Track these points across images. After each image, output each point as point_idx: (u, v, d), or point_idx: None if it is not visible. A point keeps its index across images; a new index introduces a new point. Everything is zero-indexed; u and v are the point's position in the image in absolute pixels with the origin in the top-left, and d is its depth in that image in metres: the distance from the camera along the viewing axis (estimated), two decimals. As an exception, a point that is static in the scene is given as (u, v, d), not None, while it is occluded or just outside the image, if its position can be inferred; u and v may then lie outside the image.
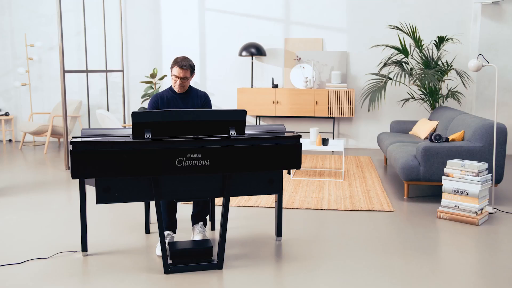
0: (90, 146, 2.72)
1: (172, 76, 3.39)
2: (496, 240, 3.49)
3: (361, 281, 2.81)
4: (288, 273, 2.92)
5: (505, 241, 3.47)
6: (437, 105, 6.49)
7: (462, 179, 3.91)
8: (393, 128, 6.33)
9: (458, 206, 3.92)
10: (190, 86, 3.49)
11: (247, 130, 3.18)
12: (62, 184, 5.18)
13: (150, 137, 2.82)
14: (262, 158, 2.94)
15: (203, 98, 3.50)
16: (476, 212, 3.84)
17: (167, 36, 7.77)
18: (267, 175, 3.09)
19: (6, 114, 7.96)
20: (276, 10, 7.49)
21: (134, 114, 2.78)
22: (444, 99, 6.39)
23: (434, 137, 4.51)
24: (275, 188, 3.12)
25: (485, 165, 3.93)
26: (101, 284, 2.75)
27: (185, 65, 3.34)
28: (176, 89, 3.41)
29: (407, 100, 6.71)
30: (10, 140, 8.23)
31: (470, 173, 3.87)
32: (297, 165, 3.04)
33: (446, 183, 3.99)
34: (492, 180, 4.27)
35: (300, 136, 3.05)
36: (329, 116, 7.10)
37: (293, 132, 3.21)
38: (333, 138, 7.51)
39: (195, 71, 3.45)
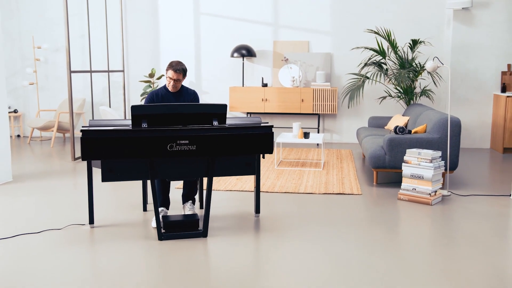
0: (97, 133, 3.31)
1: (167, 77, 3.97)
2: (444, 216, 4.08)
3: (325, 247, 3.40)
4: (263, 240, 3.51)
5: (451, 217, 4.06)
6: (412, 102, 7.08)
7: (419, 165, 4.50)
8: (370, 123, 6.92)
9: (415, 189, 4.51)
10: (182, 85, 4.08)
11: (228, 121, 3.77)
12: (69, 173, 5.77)
13: (146, 126, 3.41)
14: (240, 144, 3.53)
15: (192, 96, 4.08)
16: (429, 194, 4.43)
17: (165, 39, 8.36)
18: (245, 158, 3.68)
19: (15, 111, 8.56)
20: (265, 15, 8.08)
21: (133, 107, 3.37)
22: (418, 97, 6.98)
23: (398, 129, 5.10)
24: (251, 170, 3.71)
25: (438, 153, 4.52)
26: (106, 249, 3.34)
27: (179, 69, 3.92)
28: (170, 89, 3.99)
29: (384, 98, 7.29)
30: (18, 136, 8.82)
31: (425, 160, 4.46)
32: (270, 150, 3.63)
33: (405, 169, 4.58)
34: (445, 167, 4.85)
35: (272, 126, 3.64)
36: (314, 112, 7.69)
37: (267, 123, 3.80)
38: (318, 133, 8.09)
39: (187, 73, 4.03)
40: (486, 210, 4.27)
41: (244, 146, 3.55)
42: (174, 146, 3.41)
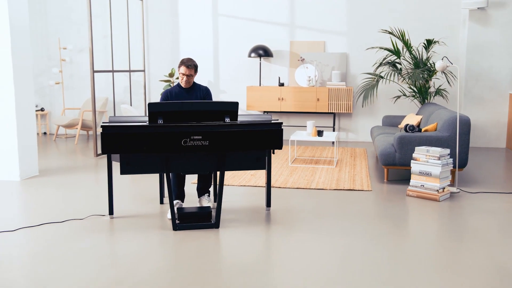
0: (116, 128, 3.54)
1: (179, 74, 4.18)
2: (450, 212, 4.19)
3: (331, 239, 3.56)
4: (271, 231, 3.69)
5: (457, 213, 4.16)
6: (426, 101, 7.15)
7: (427, 162, 4.60)
8: (384, 122, 7.02)
9: (423, 185, 4.62)
10: (194, 81, 4.27)
11: (240, 118, 3.95)
12: (91, 168, 6.05)
13: (162, 122, 3.62)
14: (250, 140, 3.71)
15: (204, 92, 4.28)
16: (437, 190, 4.54)
17: (184, 39, 8.60)
18: (255, 154, 3.86)
19: (42, 109, 8.92)
20: (282, 15, 8.24)
21: (149, 105, 3.58)
22: (432, 96, 7.04)
23: (408, 127, 5.21)
24: (262, 164, 3.88)
25: (446, 151, 4.62)
26: (124, 238, 3.57)
27: (190, 65, 4.13)
28: (183, 84, 4.20)
29: (398, 97, 7.38)
30: (45, 133, 9.19)
31: (433, 157, 4.57)
32: (279, 146, 3.80)
33: (414, 166, 4.70)
34: (453, 164, 4.94)
35: (281, 123, 3.81)
36: (329, 111, 7.82)
37: (277, 120, 3.97)
38: (333, 132, 8.22)
39: (198, 69, 4.25)
40: (493, 207, 4.36)
41: (255, 142, 3.73)
42: (188, 142, 3.61)
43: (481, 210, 4.26)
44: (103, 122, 3.65)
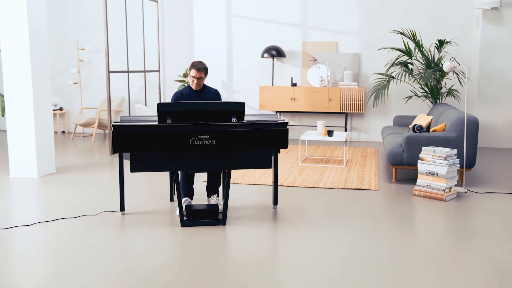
0: (126, 128, 3.68)
1: (190, 76, 4.30)
2: (456, 212, 4.22)
3: (336, 236, 3.64)
4: (276, 228, 3.78)
5: (463, 213, 4.20)
6: (438, 102, 7.15)
7: (433, 162, 4.64)
8: (395, 122, 7.04)
9: (430, 185, 4.66)
10: (204, 84, 4.39)
11: (247, 118, 4.05)
12: (106, 166, 6.22)
13: (171, 122, 3.74)
14: (256, 140, 3.82)
15: (214, 94, 4.39)
16: (443, 190, 4.57)
17: (198, 40, 8.74)
18: (260, 153, 3.96)
19: (61, 108, 9.16)
20: (295, 16, 8.32)
21: (159, 105, 3.71)
22: (444, 96, 7.04)
23: (416, 128, 5.25)
24: (267, 163, 3.98)
25: (453, 151, 4.65)
26: (135, 233, 3.70)
27: (200, 68, 4.24)
28: (193, 87, 4.32)
29: (410, 97, 7.39)
30: (63, 132, 9.43)
31: (439, 157, 4.61)
32: (284, 146, 3.89)
33: (420, 166, 4.74)
34: (460, 164, 4.97)
35: (287, 123, 3.90)
36: (341, 111, 7.87)
37: (283, 120, 4.06)
38: (345, 131, 8.26)
39: (208, 72, 4.36)
40: (500, 207, 4.38)
41: (260, 141, 3.83)
42: (196, 141, 3.73)
43: (488, 210, 4.28)
44: (114, 122, 3.79)
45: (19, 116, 5.49)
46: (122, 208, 4.15)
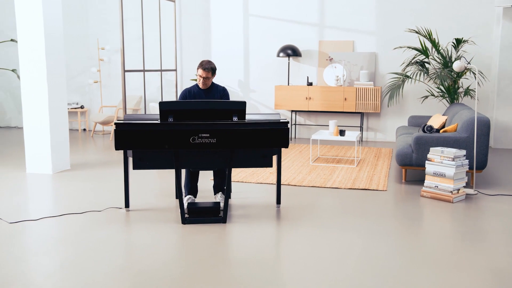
0: (128, 126, 3.75)
1: (197, 75, 4.34)
2: (464, 214, 4.14)
3: (338, 236, 3.63)
4: (277, 227, 3.79)
5: (470, 215, 4.12)
6: (455, 102, 7.01)
7: (441, 163, 4.56)
8: (410, 122, 6.94)
9: (437, 186, 4.58)
10: (212, 82, 4.43)
11: (248, 117, 4.07)
12: (119, 163, 6.34)
13: (172, 120, 3.80)
14: (256, 138, 3.83)
15: (222, 92, 4.43)
16: (451, 192, 4.49)
17: (215, 39, 8.81)
18: (261, 152, 3.98)
19: (81, 107, 9.38)
20: (311, 15, 8.29)
21: (161, 104, 3.77)
22: (461, 96, 6.90)
23: (426, 128, 5.16)
24: (268, 162, 3.99)
25: (462, 152, 4.56)
26: (137, 229, 3.77)
27: (207, 68, 4.28)
28: (200, 86, 4.36)
29: (426, 97, 7.27)
30: (84, 129, 9.65)
31: (447, 158, 4.53)
32: (285, 145, 3.89)
33: (428, 167, 4.66)
34: (468, 166, 4.87)
35: (287, 122, 3.91)
36: (356, 111, 7.80)
37: (285, 119, 4.06)
38: (361, 131, 8.20)
39: (216, 72, 4.39)
40: (510, 209, 4.27)
41: (261, 140, 3.84)
42: (196, 139, 3.77)
43: (496, 212, 4.19)
44: (117, 120, 3.87)
45: (35, 114, 5.65)
46: (127, 205, 4.23)
